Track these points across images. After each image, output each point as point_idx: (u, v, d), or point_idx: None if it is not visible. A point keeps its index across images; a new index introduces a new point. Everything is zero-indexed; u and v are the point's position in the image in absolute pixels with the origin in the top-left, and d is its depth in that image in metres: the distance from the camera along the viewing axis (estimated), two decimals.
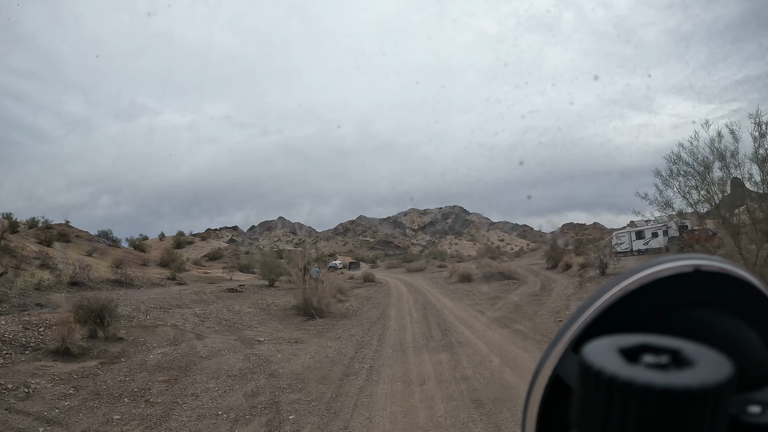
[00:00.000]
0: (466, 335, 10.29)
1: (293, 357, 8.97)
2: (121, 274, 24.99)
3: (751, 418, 0.36)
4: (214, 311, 14.44)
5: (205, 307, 15.57)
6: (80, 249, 34.41)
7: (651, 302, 0.45)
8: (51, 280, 20.55)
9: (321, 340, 10.51)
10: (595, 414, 0.33)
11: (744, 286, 0.45)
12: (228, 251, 55.11)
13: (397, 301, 18.13)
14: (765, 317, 0.45)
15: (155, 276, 28.86)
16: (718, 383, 0.31)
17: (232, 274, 33.09)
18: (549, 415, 0.46)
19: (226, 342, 10.45)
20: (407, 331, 11.13)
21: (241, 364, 8.56)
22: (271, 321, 13.23)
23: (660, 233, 34.88)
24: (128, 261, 34.95)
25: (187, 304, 16.29)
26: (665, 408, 0.30)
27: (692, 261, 0.45)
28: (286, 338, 10.77)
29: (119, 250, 38.09)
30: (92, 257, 31.96)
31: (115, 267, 29.18)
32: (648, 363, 0.34)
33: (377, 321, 13.10)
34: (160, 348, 9.88)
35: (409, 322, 12.68)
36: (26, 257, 24.23)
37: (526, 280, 23.16)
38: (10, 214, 36.10)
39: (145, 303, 16.38)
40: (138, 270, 31.39)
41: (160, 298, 17.53)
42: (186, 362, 8.89)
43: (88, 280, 22.64)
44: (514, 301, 15.71)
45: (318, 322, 13.03)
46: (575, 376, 0.35)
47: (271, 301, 17.01)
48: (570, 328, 0.45)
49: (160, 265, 35.36)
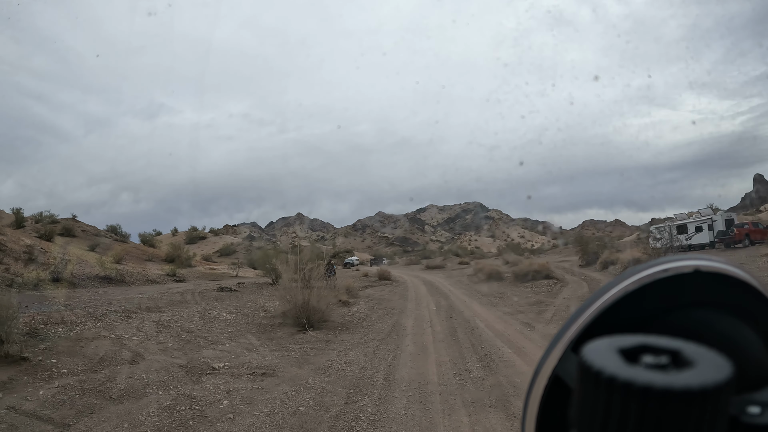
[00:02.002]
0: (518, 367, 6.63)
1: (246, 407, 5.45)
2: (112, 270, 21.96)
3: (751, 418, 0.35)
4: (185, 317, 11.08)
5: (179, 311, 12.26)
6: (83, 244, 31.83)
7: (651, 303, 0.44)
8: (30, 277, 17.64)
9: (301, 371, 6.95)
10: (594, 414, 0.32)
11: (744, 286, 0.44)
12: (241, 247, 52.24)
13: (415, 306, 14.47)
14: (764, 318, 0.44)
15: (154, 272, 25.84)
16: (717, 384, 0.30)
17: (238, 270, 29.90)
18: (548, 415, 0.44)
19: (167, 369, 7.03)
20: (429, 358, 7.50)
21: (157, 419, 5.09)
22: (247, 334, 9.75)
23: (704, 227, 30.85)
24: (133, 256, 32.28)
25: (160, 307, 13.02)
26: (665, 408, 0.30)
27: (692, 262, 0.44)
28: (254, 365, 7.27)
29: (125, 245, 35.44)
30: (94, 252, 29.34)
31: (116, 262, 26.61)
32: (648, 363, 0.33)
33: (387, 337, 9.49)
34: (67, 377, 6.57)
35: (432, 340, 9.04)
36: (13, 251, 21.46)
37: (566, 280, 19.24)
38: (20, 209, 33.86)
39: (114, 305, 13.22)
40: (139, 265, 28.54)
41: (138, 299, 14.37)
42: (82, 406, 5.53)
43: (71, 276, 19.68)
44: (568, 307, 11.92)
45: (309, 337, 9.50)
46: (575, 376, 0.35)
47: (261, 305, 13.58)
48: (569, 328, 0.44)
49: (166, 261, 32.57)
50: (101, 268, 21.50)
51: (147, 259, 33.00)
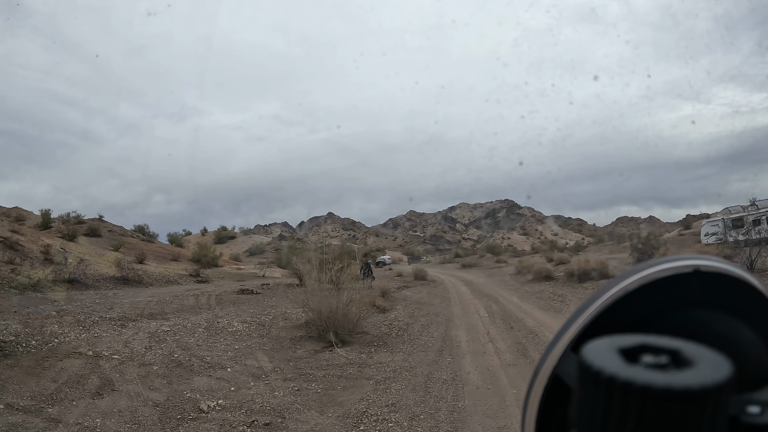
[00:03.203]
0: None
1: None
2: (129, 270, 20.46)
3: (751, 418, 0.35)
4: (187, 328, 9.06)
5: (185, 318, 10.29)
6: (107, 244, 30.75)
7: (650, 302, 0.44)
8: (37, 276, 16.21)
9: (323, 419, 4.68)
10: (594, 414, 0.32)
11: (743, 286, 0.44)
12: (271, 246, 50.69)
13: (462, 312, 12.04)
14: (764, 318, 0.44)
15: (176, 272, 24.29)
16: (717, 383, 0.30)
17: (265, 270, 28.09)
18: (548, 415, 0.44)
19: (135, 410, 4.93)
20: (505, 396, 5.10)
21: None
22: (258, 352, 7.59)
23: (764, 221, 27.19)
24: (158, 256, 31.04)
25: (165, 314, 11.13)
26: (665, 408, 0.29)
27: (692, 261, 0.43)
28: (257, 406, 5.07)
29: (151, 245, 34.31)
30: (118, 252, 28.18)
31: (138, 262, 25.41)
32: (647, 363, 0.33)
33: (439, 358, 7.13)
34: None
35: (499, 363, 6.62)
36: (30, 251, 20.23)
37: None
38: (48, 210, 33.20)
39: (115, 310, 11.43)
40: (162, 266, 27.13)
41: (146, 303, 12.59)
42: None
43: (83, 277, 18.19)
44: None
45: (336, 358, 7.25)
46: (575, 376, 0.35)
47: (283, 311, 11.46)
48: (569, 328, 0.44)
49: (192, 261, 31.19)
50: (118, 269, 19.98)
51: (173, 259, 31.74)
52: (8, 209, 34.87)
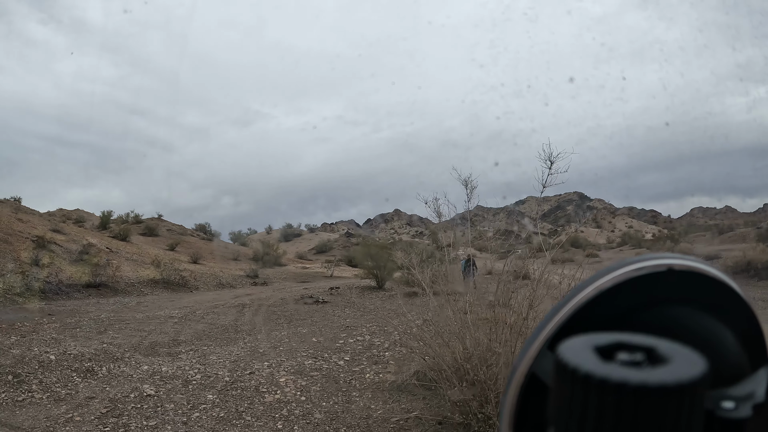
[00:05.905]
0: None
1: None
2: (171, 272, 16.63)
3: (726, 413, 0.35)
4: (194, 385, 4.37)
5: (202, 356, 5.75)
6: (163, 243, 27.79)
7: (626, 300, 0.43)
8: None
9: None
10: (571, 411, 0.31)
11: (717, 284, 0.43)
12: (338, 243, 46.82)
13: None
14: (737, 315, 0.43)
15: (232, 273, 20.39)
16: (692, 380, 0.30)
17: (333, 269, 23.67)
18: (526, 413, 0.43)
19: None
20: None
21: None
22: None
23: None
24: (216, 255, 27.77)
25: (178, 343, 6.74)
26: (640, 404, 0.29)
27: (666, 260, 0.43)
28: None
29: (211, 244, 31.24)
30: (174, 251, 25.07)
31: (192, 262, 21.97)
32: (623, 360, 0.32)
33: None
34: None
35: None
36: (68, 251, 17.01)
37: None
38: (110, 211, 31.15)
39: (103, 336, 7.22)
40: (219, 265, 23.34)
41: (163, 319, 8.34)
42: None
43: (112, 280, 14.43)
44: None
45: None
46: (551, 374, 0.34)
47: (364, 337, 6.61)
48: (546, 326, 0.43)
49: (254, 260, 27.46)
50: (157, 271, 16.23)
51: (233, 258, 28.21)
52: (69, 211, 33.30)
